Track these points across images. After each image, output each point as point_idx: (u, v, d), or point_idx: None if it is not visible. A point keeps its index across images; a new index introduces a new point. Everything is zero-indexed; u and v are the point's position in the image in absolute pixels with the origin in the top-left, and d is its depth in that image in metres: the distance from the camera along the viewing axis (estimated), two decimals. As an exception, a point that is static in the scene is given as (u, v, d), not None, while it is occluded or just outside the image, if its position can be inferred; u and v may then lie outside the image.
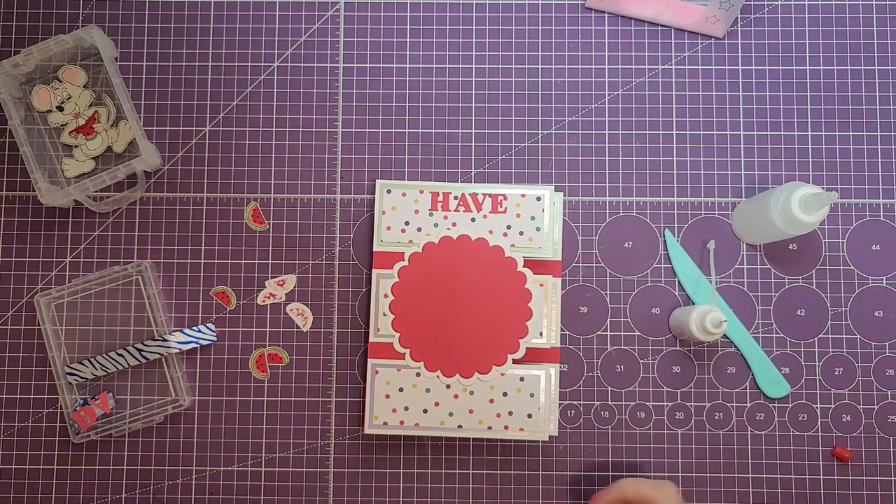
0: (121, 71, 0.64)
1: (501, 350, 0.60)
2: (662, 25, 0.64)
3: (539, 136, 0.64)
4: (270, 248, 0.63)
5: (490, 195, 0.61)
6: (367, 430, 0.59)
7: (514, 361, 0.60)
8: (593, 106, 0.64)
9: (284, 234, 0.63)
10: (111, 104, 0.64)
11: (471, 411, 0.59)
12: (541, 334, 0.60)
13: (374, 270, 0.60)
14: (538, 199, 0.61)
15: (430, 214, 0.61)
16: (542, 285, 0.60)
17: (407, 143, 0.64)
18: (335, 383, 0.62)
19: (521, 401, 0.59)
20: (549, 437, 0.60)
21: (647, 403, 0.62)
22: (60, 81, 0.63)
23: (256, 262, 0.63)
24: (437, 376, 0.60)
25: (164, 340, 0.61)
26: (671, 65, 0.64)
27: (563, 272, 0.62)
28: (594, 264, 0.63)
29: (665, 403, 0.62)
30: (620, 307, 0.62)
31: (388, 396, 0.59)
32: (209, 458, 0.62)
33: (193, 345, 0.61)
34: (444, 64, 0.64)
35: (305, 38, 0.65)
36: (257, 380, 0.62)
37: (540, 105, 0.64)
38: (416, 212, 0.61)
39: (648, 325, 0.62)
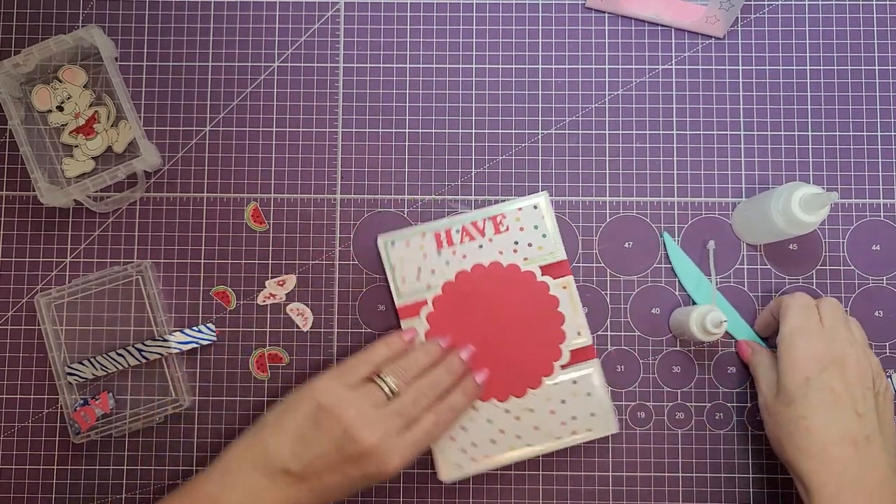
0: (121, 71, 0.64)
1: (546, 360, 0.60)
2: (662, 25, 0.64)
3: (539, 136, 0.64)
4: (270, 248, 0.63)
5: (489, 218, 0.61)
6: (443, 478, 0.58)
7: (562, 367, 0.59)
8: (593, 106, 0.64)
9: (284, 234, 0.63)
10: (111, 104, 0.64)
11: (536, 428, 0.59)
12: (578, 333, 0.60)
13: (402, 322, 0.60)
14: (535, 207, 0.61)
15: (439, 254, 0.60)
16: (565, 287, 0.60)
17: (407, 143, 0.64)
18: (335, 383, 0.62)
19: (580, 402, 0.59)
20: (617, 429, 0.60)
21: (647, 403, 0.62)
22: (60, 81, 0.63)
23: (256, 262, 0.63)
24: (493, 405, 0.59)
25: (164, 340, 0.61)
26: (671, 65, 0.64)
27: (563, 272, 0.62)
28: (594, 264, 0.63)
29: (665, 403, 0.62)
30: (620, 307, 0.62)
31: (453, 439, 0.59)
32: (209, 459, 0.61)
33: (193, 345, 0.61)
34: (444, 64, 0.64)
35: (305, 38, 0.65)
36: (257, 380, 0.62)
37: (540, 105, 0.64)
38: (425, 256, 0.60)
39: (648, 325, 0.62)
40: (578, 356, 0.59)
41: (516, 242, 0.61)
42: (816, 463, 0.53)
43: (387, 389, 0.54)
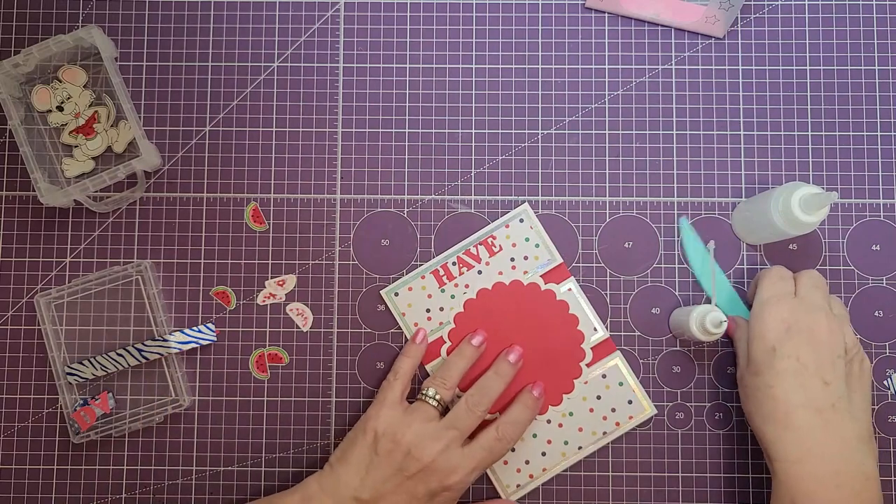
0: (121, 71, 0.64)
1: (572, 363, 0.61)
2: (662, 25, 0.64)
3: (539, 136, 0.64)
4: (270, 248, 0.63)
5: (481, 243, 0.62)
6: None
7: (587, 366, 0.60)
8: (593, 106, 0.64)
9: (284, 234, 0.63)
10: (111, 104, 0.64)
11: (580, 429, 0.60)
12: (595, 330, 0.61)
13: (427, 366, 0.61)
14: (521, 220, 0.62)
15: (442, 291, 0.61)
16: (570, 290, 0.61)
17: (407, 143, 0.64)
18: (335, 383, 0.62)
19: (615, 394, 0.60)
20: (655, 411, 0.61)
21: (647, 403, 0.62)
22: (60, 81, 0.63)
23: (256, 262, 0.63)
24: (534, 418, 0.60)
25: (164, 340, 0.61)
26: (671, 65, 0.64)
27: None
28: (594, 264, 0.63)
29: (665, 403, 0.62)
30: (620, 307, 0.62)
31: (506, 462, 0.60)
32: (209, 458, 0.62)
33: (193, 345, 0.61)
34: (444, 64, 0.64)
35: (305, 38, 0.65)
36: (257, 380, 0.62)
37: (540, 105, 0.64)
38: (430, 296, 0.62)
39: (648, 325, 0.62)
40: (601, 351, 0.61)
41: (512, 259, 0.61)
42: (781, 430, 0.53)
43: (432, 402, 0.56)
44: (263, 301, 0.63)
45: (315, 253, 0.63)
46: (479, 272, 0.61)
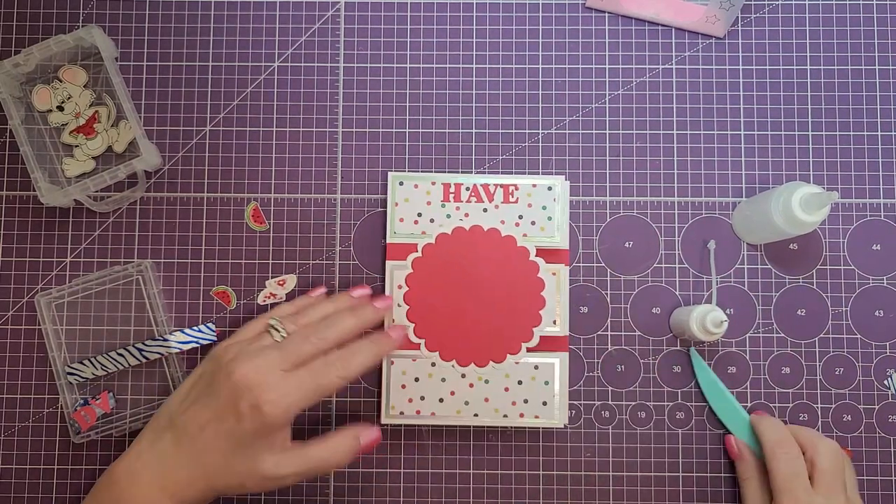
0: (121, 71, 0.64)
1: (516, 339, 0.60)
2: (662, 25, 0.64)
3: (539, 137, 0.64)
4: (271, 247, 0.63)
5: (502, 186, 0.61)
6: (384, 420, 0.59)
7: (528, 350, 0.60)
8: (593, 106, 0.64)
9: (285, 234, 0.63)
10: (111, 104, 0.64)
11: (486, 400, 0.60)
12: (554, 322, 0.60)
13: (387, 262, 0.61)
14: (549, 188, 0.61)
15: (443, 206, 0.61)
16: (554, 274, 0.60)
17: (407, 143, 0.64)
18: (335, 383, 0.62)
19: (536, 388, 0.60)
20: (563, 424, 0.60)
21: (648, 403, 0.62)
22: (61, 81, 0.63)
23: (257, 261, 0.63)
24: (453, 366, 0.60)
25: (165, 340, 0.61)
26: (671, 65, 0.64)
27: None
28: (594, 264, 0.63)
29: (665, 403, 0.62)
30: (621, 307, 0.62)
31: (403, 387, 0.60)
32: (209, 458, 0.62)
33: (194, 344, 0.61)
34: (444, 64, 0.64)
35: (305, 38, 0.65)
36: (257, 380, 0.62)
37: (540, 105, 0.64)
38: (429, 203, 0.61)
39: (649, 324, 0.62)
40: (549, 344, 0.60)
41: (520, 217, 0.61)
42: None
43: (277, 336, 0.53)
44: (264, 301, 0.63)
45: (315, 253, 0.63)
46: (485, 210, 0.61)
